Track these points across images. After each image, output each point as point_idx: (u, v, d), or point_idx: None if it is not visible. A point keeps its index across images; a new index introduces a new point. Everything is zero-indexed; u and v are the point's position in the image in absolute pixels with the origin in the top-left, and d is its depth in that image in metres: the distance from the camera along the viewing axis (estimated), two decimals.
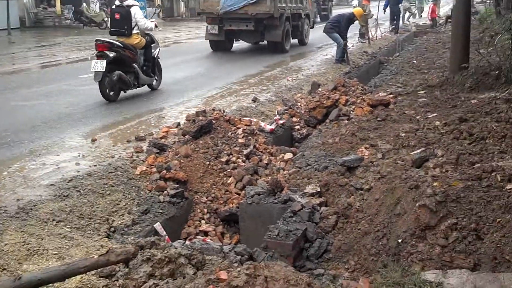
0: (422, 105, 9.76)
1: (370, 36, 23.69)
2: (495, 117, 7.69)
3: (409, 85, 12.61)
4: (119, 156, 7.64)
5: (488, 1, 35.69)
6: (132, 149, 7.94)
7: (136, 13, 11.66)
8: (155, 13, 14.08)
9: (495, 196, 4.86)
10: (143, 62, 12.16)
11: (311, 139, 9.07)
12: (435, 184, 5.35)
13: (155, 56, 12.47)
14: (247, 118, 9.51)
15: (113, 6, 12.15)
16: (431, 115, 8.74)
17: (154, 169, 7.31)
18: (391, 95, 11.01)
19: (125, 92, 11.57)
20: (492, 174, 5.28)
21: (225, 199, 7.36)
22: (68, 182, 6.52)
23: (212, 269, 4.46)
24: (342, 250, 5.41)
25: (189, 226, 6.96)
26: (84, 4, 33.63)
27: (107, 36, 11.96)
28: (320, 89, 12.13)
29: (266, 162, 8.23)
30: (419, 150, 6.77)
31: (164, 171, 7.23)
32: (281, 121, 10.06)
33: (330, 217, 5.91)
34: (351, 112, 10.21)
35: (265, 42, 20.50)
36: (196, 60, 18.15)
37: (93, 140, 8.36)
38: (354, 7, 23.52)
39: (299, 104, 11.30)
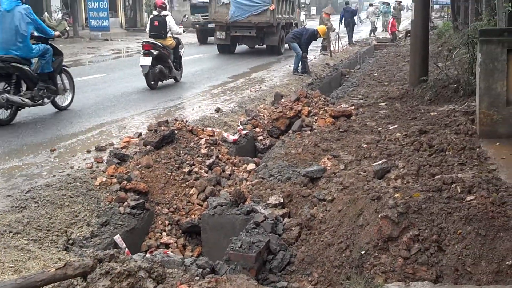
0: (383, 116, 9.89)
1: (332, 49, 23.94)
2: (454, 129, 7.82)
3: (370, 97, 12.77)
4: (79, 167, 7.52)
5: (446, 16, 36.41)
6: (92, 160, 7.83)
7: (170, 21, 14.67)
8: (182, 21, 17.50)
9: (455, 208, 4.92)
10: (173, 59, 15.00)
11: (274, 150, 9.08)
12: (396, 195, 5.39)
13: (181, 55, 15.61)
14: (210, 129, 9.46)
15: (152, 16, 15.21)
16: (392, 127, 8.85)
17: (115, 180, 7.21)
18: (353, 107, 11.14)
19: (162, 82, 14.61)
20: (452, 186, 5.35)
21: (187, 210, 7.29)
22: (26, 193, 6.38)
23: (173, 282, 4.41)
24: (305, 262, 5.39)
25: (150, 238, 6.87)
26: (46, 13, 33.11)
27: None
28: (283, 100, 12.20)
29: (229, 172, 8.20)
30: (380, 162, 6.83)
31: (125, 182, 7.13)
32: (244, 132, 10.05)
33: (293, 228, 5.90)
34: (314, 123, 10.28)
35: (264, 45, 24.18)
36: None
37: (52, 150, 8.22)
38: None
39: (262, 114, 11.32)
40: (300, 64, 17.44)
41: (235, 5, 22.58)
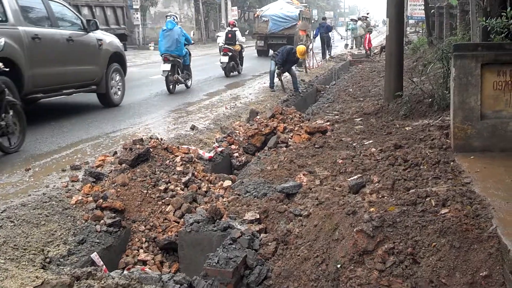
0: (358, 132, 9.94)
1: (307, 65, 24.08)
2: (428, 143, 7.89)
3: (345, 112, 12.83)
4: (54, 186, 7.46)
5: (421, 31, 36.80)
6: (67, 178, 7.76)
7: (238, 33, 22.35)
8: (244, 34, 26.48)
9: (430, 221, 4.97)
10: (238, 58, 22.52)
11: (250, 167, 9.09)
12: (371, 209, 5.43)
13: (242, 56, 23.24)
14: (186, 146, 9.45)
15: (227, 30, 22.85)
16: (367, 142, 8.91)
17: (90, 198, 7.17)
18: (328, 123, 11.18)
19: (233, 73, 21.98)
20: (427, 199, 5.41)
21: (164, 228, 7.26)
22: (1, 212, 6.32)
23: None
24: (282, 276, 5.41)
25: (127, 256, 6.82)
26: None
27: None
28: (258, 117, 12.23)
29: (205, 189, 8.19)
30: (355, 177, 6.87)
31: (101, 200, 7.09)
32: (219, 149, 10.05)
33: (269, 243, 5.92)
34: (289, 139, 10.32)
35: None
36: (135, 88, 17.99)
37: (27, 170, 8.15)
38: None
39: (237, 131, 11.34)
40: (278, 79, 17.67)
41: (272, 22, 32.20)
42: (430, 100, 10.71)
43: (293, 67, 18.16)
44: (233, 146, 10.59)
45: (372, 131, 9.84)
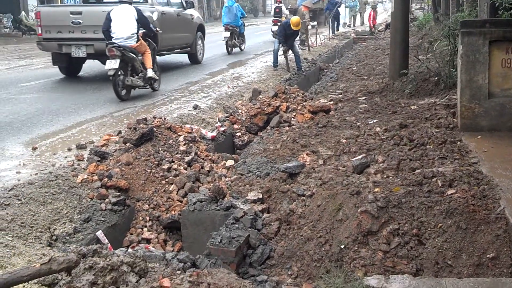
0: (362, 111, 9.84)
1: (310, 43, 23.88)
2: (435, 122, 7.81)
3: (349, 91, 12.71)
4: (60, 165, 7.47)
5: (427, 8, 36.52)
6: (73, 157, 7.77)
7: (283, 8, 27.10)
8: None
9: (436, 201, 4.91)
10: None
11: (252, 146, 9.02)
12: (376, 190, 5.37)
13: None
14: (188, 126, 9.39)
15: (275, 5, 27.42)
16: (372, 121, 8.82)
17: (96, 177, 7.19)
18: (332, 102, 11.09)
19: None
20: (433, 180, 5.34)
21: (167, 207, 7.26)
22: (9, 190, 6.33)
23: (155, 276, 4.44)
24: (284, 256, 5.37)
25: (131, 234, 6.87)
26: (23, 12, 32.78)
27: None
28: (261, 96, 12.12)
29: (208, 169, 8.15)
30: (360, 156, 6.79)
31: (106, 179, 7.12)
32: (222, 128, 9.99)
33: (272, 223, 5.88)
34: (292, 118, 10.23)
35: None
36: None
37: (34, 149, 8.16)
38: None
39: (240, 111, 11.25)
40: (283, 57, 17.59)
41: None
42: (436, 78, 10.59)
43: (296, 45, 18.00)
44: (235, 126, 10.52)
45: (376, 110, 9.74)
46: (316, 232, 5.37)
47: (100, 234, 6.20)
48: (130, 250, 5.81)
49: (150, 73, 12.18)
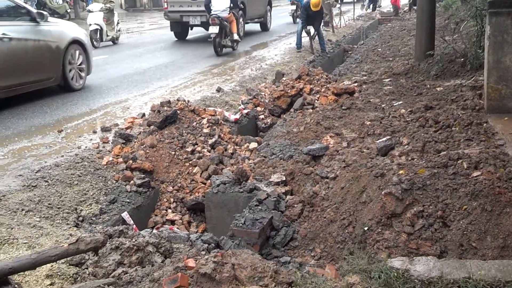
0: (387, 93, 9.76)
1: (334, 24, 23.70)
2: (461, 104, 7.72)
3: (374, 73, 12.60)
4: (86, 147, 7.57)
5: None
6: (98, 140, 7.88)
7: None
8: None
9: (461, 184, 4.85)
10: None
11: (275, 129, 9.00)
12: (401, 172, 5.33)
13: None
14: (212, 108, 9.41)
15: None
16: (397, 103, 8.75)
17: (121, 159, 7.29)
18: (356, 84, 11.00)
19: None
20: (458, 162, 5.27)
21: (191, 189, 7.32)
22: (36, 172, 6.46)
23: (180, 257, 4.49)
24: (308, 238, 5.37)
25: (156, 215, 6.96)
26: None
27: None
28: (284, 78, 12.07)
29: (231, 151, 8.17)
30: (384, 139, 6.75)
31: (130, 161, 7.21)
32: (245, 111, 9.99)
33: (295, 205, 5.88)
34: (316, 101, 10.18)
35: None
36: (160, 50, 18.14)
37: (59, 131, 8.28)
38: None
39: (263, 93, 11.22)
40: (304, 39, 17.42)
41: None
42: (462, 59, 10.45)
43: (321, 27, 17.79)
44: (258, 108, 10.50)
45: (401, 92, 9.65)
46: (339, 214, 5.35)
47: (125, 215, 6.29)
48: (155, 231, 5.87)
49: (235, 36, 16.94)
